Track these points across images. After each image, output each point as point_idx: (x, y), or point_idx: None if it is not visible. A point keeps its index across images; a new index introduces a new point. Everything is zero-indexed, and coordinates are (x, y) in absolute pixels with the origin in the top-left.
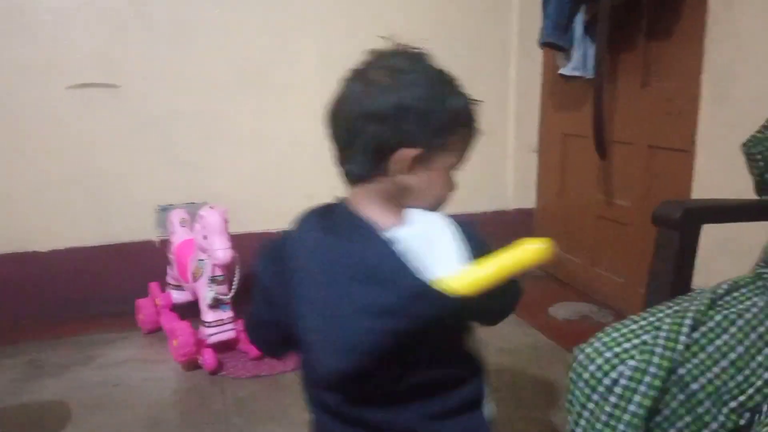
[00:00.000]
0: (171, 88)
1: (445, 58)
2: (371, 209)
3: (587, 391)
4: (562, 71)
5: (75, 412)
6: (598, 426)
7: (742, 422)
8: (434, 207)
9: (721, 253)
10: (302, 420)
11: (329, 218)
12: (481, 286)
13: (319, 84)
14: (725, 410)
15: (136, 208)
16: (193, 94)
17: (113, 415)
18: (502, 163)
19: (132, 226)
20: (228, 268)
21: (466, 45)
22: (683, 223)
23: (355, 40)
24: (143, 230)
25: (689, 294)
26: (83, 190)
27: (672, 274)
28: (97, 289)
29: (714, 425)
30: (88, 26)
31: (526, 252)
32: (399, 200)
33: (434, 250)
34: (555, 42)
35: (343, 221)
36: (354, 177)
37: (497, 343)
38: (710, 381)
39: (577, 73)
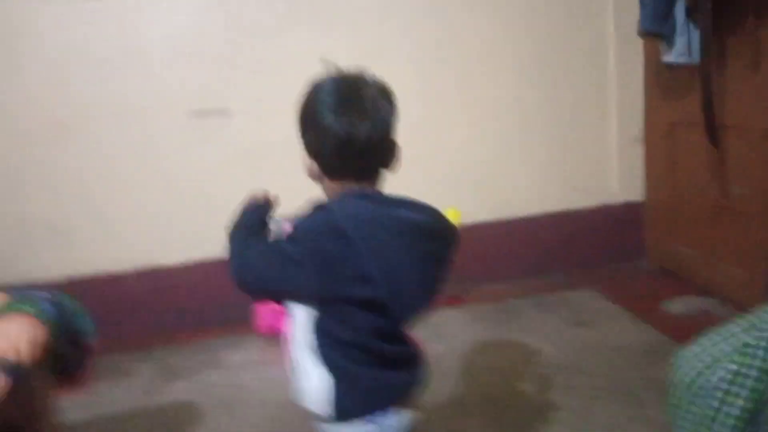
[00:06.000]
0: (265, 119)
1: (541, 53)
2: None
3: (688, 395)
4: (665, 59)
5: (205, 412)
6: (702, 430)
7: None
8: None
9: None
10: None
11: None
12: None
13: (414, 102)
14: None
15: None
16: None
17: (240, 414)
18: (605, 156)
19: None
20: None
21: (562, 38)
22: None
23: (448, 50)
24: None
25: None
26: (202, 210)
27: None
28: (218, 298)
29: None
30: (190, 62)
31: None
32: None
33: None
34: (655, 30)
35: (390, 198)
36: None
37: (611, 341)
38: None
39: (682, 60)
